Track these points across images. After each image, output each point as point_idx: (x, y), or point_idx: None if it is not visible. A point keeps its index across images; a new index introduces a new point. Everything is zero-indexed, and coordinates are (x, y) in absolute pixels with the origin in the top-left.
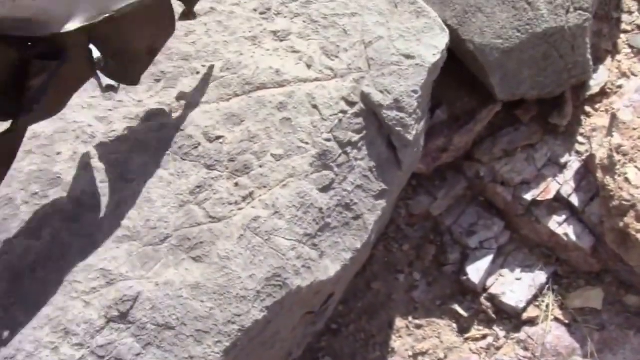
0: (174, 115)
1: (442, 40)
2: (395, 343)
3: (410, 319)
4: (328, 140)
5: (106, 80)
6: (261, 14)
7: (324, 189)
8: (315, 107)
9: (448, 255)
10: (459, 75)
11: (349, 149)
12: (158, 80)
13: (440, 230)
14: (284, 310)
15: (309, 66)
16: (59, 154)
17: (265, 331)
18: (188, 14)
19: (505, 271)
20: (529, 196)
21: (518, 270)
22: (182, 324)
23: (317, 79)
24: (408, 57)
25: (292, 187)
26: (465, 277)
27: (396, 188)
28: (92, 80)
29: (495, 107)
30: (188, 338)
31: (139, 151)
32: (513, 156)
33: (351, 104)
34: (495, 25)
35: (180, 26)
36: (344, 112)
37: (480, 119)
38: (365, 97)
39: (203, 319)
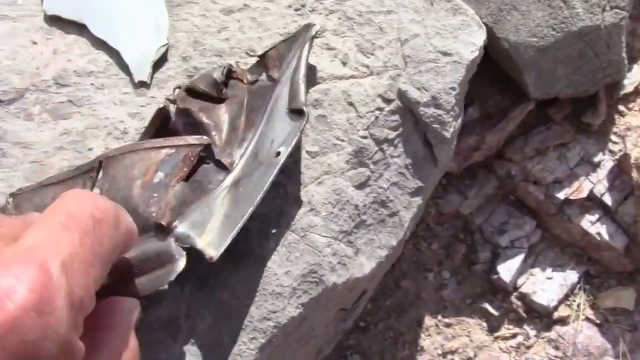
0: None
1: (479, 37)
2: (425, 341)
3: (439, 317)
4: (364, 137)
5: (138, 76)
6: (296, 10)
7: (360, 186)
8: (351, 104)
9: (478, 254)
10: (491, 74)
11: (385, 146)
12: (191, 76)
13: (470, 229)
14: (319, 307)
15: (344, 63)
16: (90, 149)
17: (301, 328)
18: None
19: (536, 270)
20: (561, 195)
21: (549, 270)
22: (216, 320)
23: (352, 76)
24: (445, 54)
25: (327, 184)
26: (496, 276)
27: (431, 185)
28: (124, 76)
29: (529, 106)
30: (222, 335)
31: None
32: (545, 155)
33: (387, 101)
34: (531, 24)
35: (213, 22)
36: (380, 109)
37: (513, 117)
38: (402, 95)
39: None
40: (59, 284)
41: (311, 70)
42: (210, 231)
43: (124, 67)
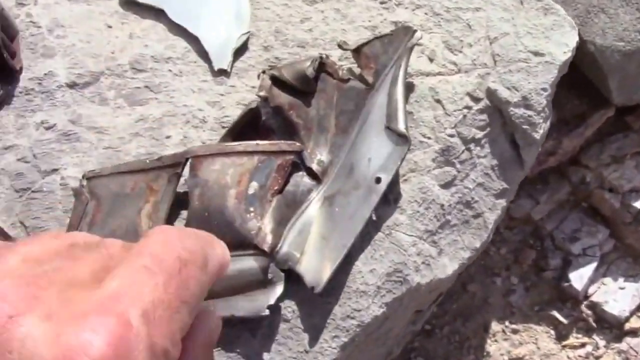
0: None
1: (572, 37)
2: (491, 347)
3: (506, 323)
4: (451, 135)
5: (218, 64)
6: (381, 3)
7: (446, 185)
8: (438, 101)
9: (548, 261)
10: (570, 78)
11: (472, 146)
12: (272, 67)
13: (540, 235)
14: (401, 307)
15: (431, 60)
16: (168, 137)
17: (381, 328)
18: None
19: (608, 279)
20: (638, 204)
21: (621, 280)
22: (297, 317)
23: (439, 73)
24: (536, 54)
25: (413, 182)
26: (567, 284)
27: (515, 188)
28: (203, 64)
29: (608, 112)
30: (304, 332)
31: None
32: (622, 163)
33: (476, 99)
34: (618, 27)
35: (295, 12)
36: (468, 107)
37: (592, 123)
38: (491, 94)
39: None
40: (139, 335)
41: (409, 86)
42: (308, 253)
43: (203, 54)
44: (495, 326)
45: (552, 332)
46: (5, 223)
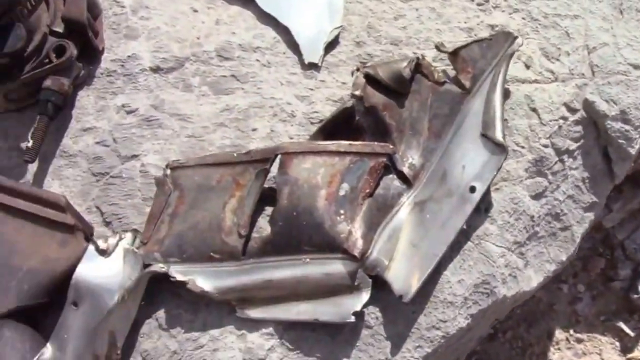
0: None
1: None
2: (554, 355)
3: (571, 331)
4: (545, 146)
5: (309, 57)
6: (478, 4)
7: (536, 197)
8: (534, 110)
9: (618, 271)
10: None
11: (565, 157)
12: (364, 63)
13: (611, 244)
14: (484, 319)
15: (527, 66)
16: (254, 130)
17: (462, 338)
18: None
19: None
20: None
21: None
22: (380, 324)
23: (535, 81)
24: (636, 67)
25: (505, 191)
26: (636, 296)
27: (604, 201)
28: (292, 55)
29: None
30: (386, 340)
31: None
32: None
33: (572, 110)
34: None
35: (389, 8)
36: (564, 118)
37: None
38: (588, 105)
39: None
40: None
41: (505, 92)
42: (397, 260)
43: (293, 45)
44: (559, 334)
45: (617, 343)
46: (81, 207)
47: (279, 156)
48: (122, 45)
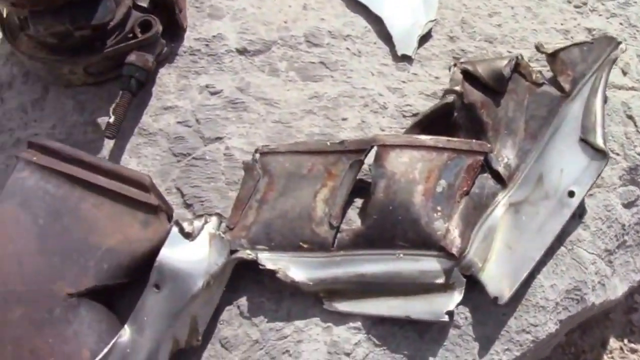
0: None
1: None
2: None
3: (625, 341)
4: None
5: (402, 49)
6: (576, 7)
7: (628, 205)
8: (630, 117)
9: None
10: None
11: None
12: (457, 58)
13: None
14: (567, 326)
15: (624, 73)
16: (344, 119)
17: (545, 344)
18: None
19: None
20: None
21: None
22: (469, 324)
23: (632, 88)
24: None
25: (599, 198)
26: None
27: None
28: (383, 46)
29: None
30: (474, 340)
31: None
32: None
33: None
34: None
35: (484, 4)
36: None
37: None
38: None
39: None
40: None
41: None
42: (492, 261)
43: (385, 36)
44: (613, 343)
45: None
46: (160, 187)
47: (375, 148)
48: (206, 24)
